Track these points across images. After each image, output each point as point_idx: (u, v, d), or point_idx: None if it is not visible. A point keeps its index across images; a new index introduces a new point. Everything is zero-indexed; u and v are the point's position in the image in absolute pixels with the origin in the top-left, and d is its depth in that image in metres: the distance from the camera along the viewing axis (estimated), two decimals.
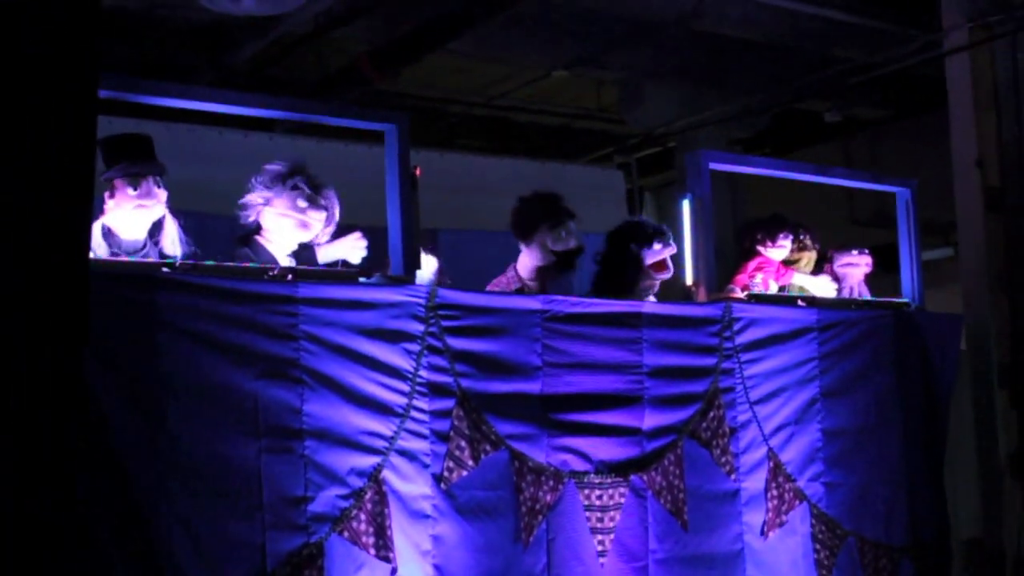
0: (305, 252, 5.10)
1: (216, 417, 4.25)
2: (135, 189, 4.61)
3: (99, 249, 4.53)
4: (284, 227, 4.98)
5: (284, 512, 4.32)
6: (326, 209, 5.02)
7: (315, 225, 5.01)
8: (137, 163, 4.64)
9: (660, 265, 5.72)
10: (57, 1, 3.05)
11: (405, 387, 4.62)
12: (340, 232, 5.18)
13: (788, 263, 6.50)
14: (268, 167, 5.01)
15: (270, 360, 4.37)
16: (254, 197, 5.00)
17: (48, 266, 3.05)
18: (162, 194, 4.72)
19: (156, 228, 4.77)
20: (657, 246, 5.69)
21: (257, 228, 5.03)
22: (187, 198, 5.44)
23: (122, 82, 4.50)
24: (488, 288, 5.71)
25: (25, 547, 3.01)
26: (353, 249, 5.15)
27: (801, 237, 6.57)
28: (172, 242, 4.76)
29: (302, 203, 4.95)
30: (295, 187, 4.95)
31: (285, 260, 4.97)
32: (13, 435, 3.04)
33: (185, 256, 4.66)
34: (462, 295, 4.86)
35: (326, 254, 5.14)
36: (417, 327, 4.68)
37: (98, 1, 3.19)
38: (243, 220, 5.04)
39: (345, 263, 5.10)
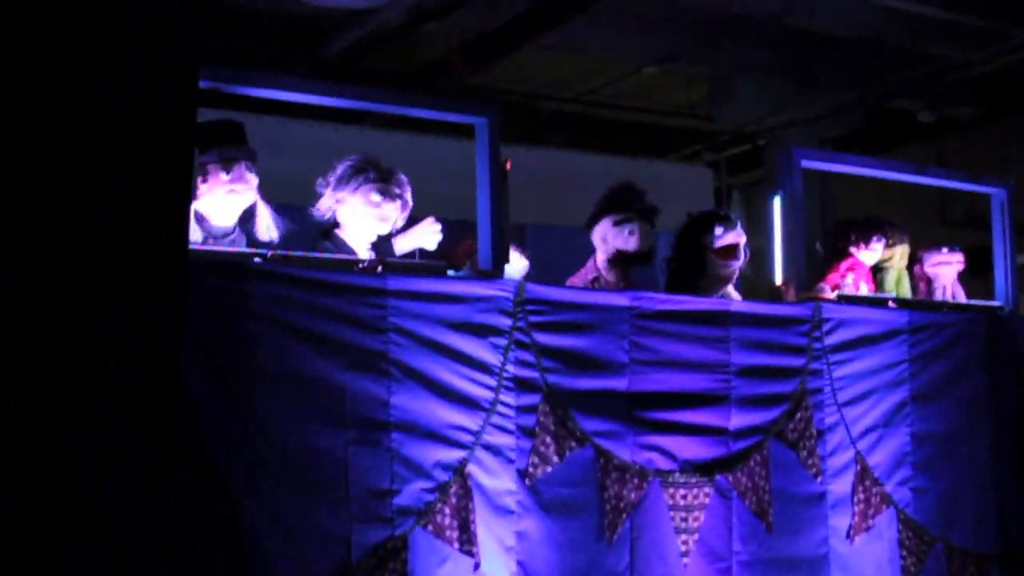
0: (384, 246, 5.11)
1: (305, 408, 4.26)
2: (228, 173, 4.66)
3: (192, 234, 4.56)
4: (362, 222, 5.00)
5: (370, 504, 4.31)
6: (400, 198, 5.03)
7: (392, 216, 5.03)
8: (230, 148, 4.67)
9: (727, 251, 5.62)
10: None
11: (492, 381, 4.60)
12: (413, 221, 5.19)
13: (882, 262, 6.42)
14: (337, 167, 5.02)
15: (359, 352, 4.37)
16: (326, 199, 5.02)
17: (148, 253, 3.09)
18: (254, 179, 4.75)
19: (247, 214, 4.80)
20: (719, 230, 5.61)
21: (335, 223, 5.05)
22: (277, 190, 5.48)
23: (217, 73, 4.52)
24: (568, 282, 5.69)
25: (122, 532, 3.05)
26: (428, 235, 5.16)
27: (889, 234, 6.48)
28: (267, 228, 4.81)
29: (376, 197, 4.97)
30: (366, 183, 4.96)
31: (365, 252, 4.98)
32: (110, 416, 3.08)
33: (279, 242, 4.69)
34: (550, 290, 4.84)
35: (402, 244, 5.16)
36: (505, 322, 4.66)
37: None
38: (319, 218, 5.06)
39: (422, 251, 5.10)
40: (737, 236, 5.65)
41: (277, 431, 4.18)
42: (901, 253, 6.57)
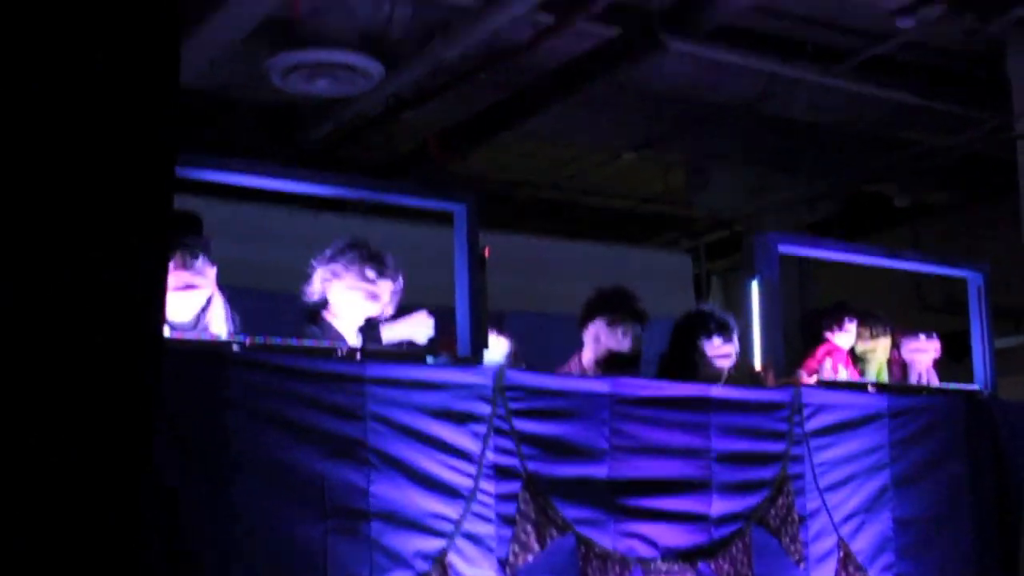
0: (372, 332, 5.11)
1: (283, 497, 4.24)
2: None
3: None
4: (352, 300, 5.00)
5: None
6: (392, 277, 5.04)
7: (384, 295, 5.03)
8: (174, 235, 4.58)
9: (721, 357, 5.71)
10: (137, 81, 3.11)
11: (472, 469, 4.59)
12: (403, 311, 5.19)
13: (865, 352, 6.46)
14: (329, 247, 5.03)
15: (338, 440, 4.36)
16: (321, 273, 5.03)
17: (122, 341, 3.07)
18: (208, 271, 4.69)
19: (204, 307, 4.76)
20: (717, 341, 5.69)
21: (323, 304, 5.05)
22: (257, 277, 5.49)
23: (196, 160, 4.55)
24: None
25: None
26: (420, 328, 5.15)
27: (875, 325, 6.52)
28: (219, 322, 4.76)
29: (370, 273, 4.98)
30: (360, 259, 4.97)
31: (353, 336, 4.98)
32: (81, 511, 3.05)
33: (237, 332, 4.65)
34: (529, 376, 4.84)
35: (392, 333, 5.15)
36: (484, 408, 4.66)
37: (177, 80, 3.24)
38: (308, 298, 5.06)
39: (411, 343, 5.10)
40: (733, 347, 5.72)
41: (254, 520, 4.16)
42: (884, 345, 6.61)
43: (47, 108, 2.96)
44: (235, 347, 4.35)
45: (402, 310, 5.18)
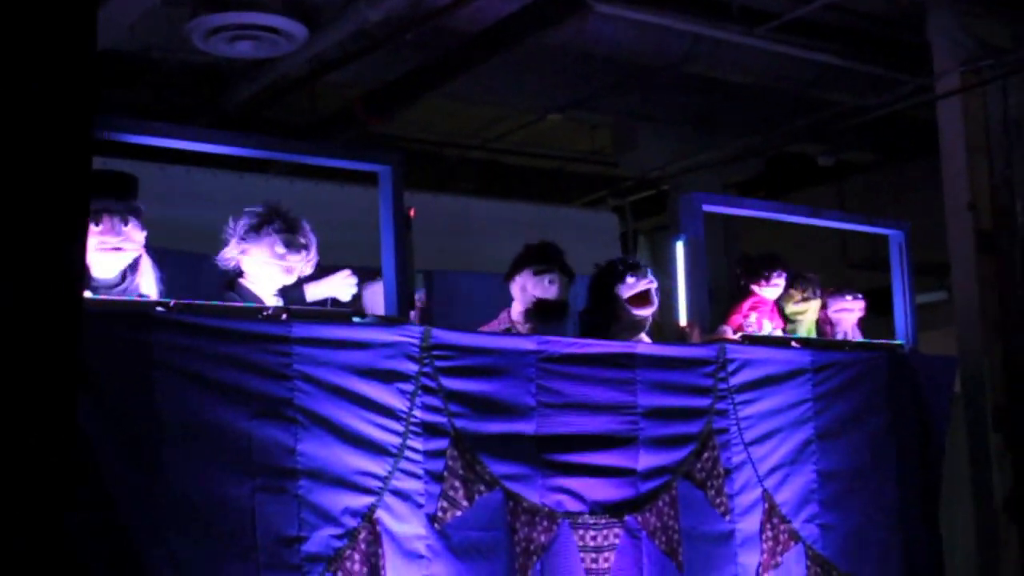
0: (295, 291, 5.10)
1: (210, 457, 4.24)
2: (97, 225, 4.51)
3: None
4: (266, 272, 4.98)
5: (278, 552, 4.30)
6: (305, 248, 5.01)
7: (297, 267, 5.01)
8: (103, 200, 4.54)
9: (639, 299, 5.73)
10: (53, 42, 3.08)
11: (399, 427, 4.62)
12: (327, 271, 5.19)
13: (795, 314, 6.54)
14: (243, 216, 4.99)
15: (264, 399, 4.36)
16: (231, 249, 4.99)
17: (41, 302, 3.05)
18: (135, 234, 4.63)
19: (134, 266, 4.73)
20: (631, 279, 5.71)
21: (239, 271, 5.03)
22: (182, 238, 5.46)
23: (118, 124, 4.51)
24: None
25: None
26: (343, 286, 5.16)
27: (806, 288, 6.59)
28: (148, 284, 4.73)
29: (280, 249, 4.93)
30: (271, 233, 4.94)
31: (271, 300, 4.97)
32: (6, 470, 3.03)
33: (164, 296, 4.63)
34: (456, 335, 4.87)
35: (315, 291, 5.15)
36: (411, 367, 4.68)
37: (94, 42, 3.21)
38: (224, 265, 5.03)
39: (335, 300, 5.11)
40: (648, 283, 5.74)
41: (181, 480, 4.16)
42: (814, 308, 6.68)
43: None
44: (159, 309, 4.33)
45: (325, 269, 5.17)
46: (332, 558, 4.40)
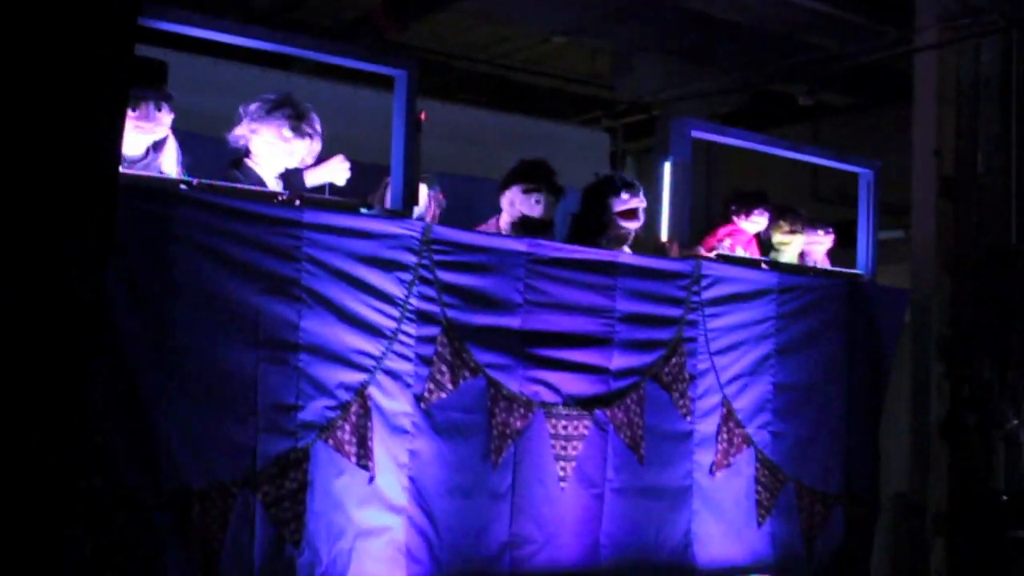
0: (295, 176, 5.07)
1: (219, 327, 4.25)
2: (134, 110, 4.52)
3: None
4: (271, 153, 4.96)
5: (276, 418, 4.33)
6: (310, 136, 4.99)
7: (300, 152, 4.99)
8: (141, 88, 4.55)
9: (629, 214, 5.72)
10: None
11: (396, 312, 4.63)
12: (322, 159, 5.15)
13: (781, 244, 6.53)
14: (258, 99, 4.97)
15: (273, 278, 4.36)
16: (243, 127, 4.96)
17: (80, 172, 3.04)
18: (165, 118, 4.64)
19: (158, 145, 4.72)
20: (625, 195, 5.70)
21: (247, 152, 5.00)
22: (205, 125, 5.40)
23: (158, 11, 4.45)
24: None
25: (30, 443, 3.00)
26: (338, 171, 5.13)
27: (795, 222, 6.58)
28: (171, 163, 4.73)
29: (287, 132, 4.92)
30: (281, 118, 4.92)
31: (273, 182, 4.95)
32: (32, 326, 3.03)
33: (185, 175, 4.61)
34: (454, 232, 4.86)
35: (313, 177, 5.13)
36: (411, 258, 4.68)
37: None
38: (233, 144, 5.00)
39: (332, 185, 5.08)
40: (639, 202, 5.73)
41: (191, 347, 4.18)
42: (799, 241, 6.67)
43: None
44: (182, 187, 4.31)
45: (321, 158, 5.14)
46: (325, 427, 4.43)
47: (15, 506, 2.89)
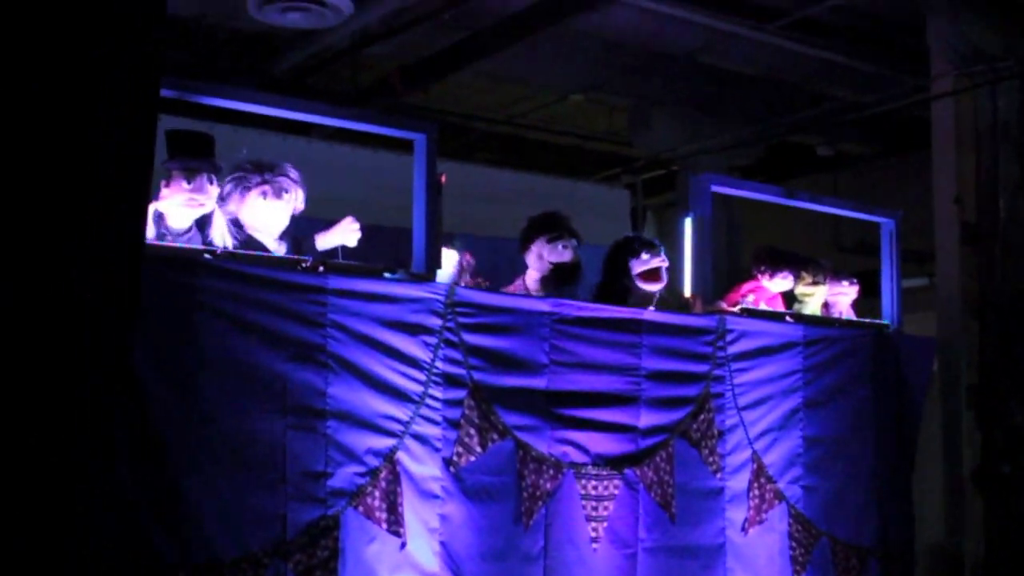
0: (305, 241, 5.07)
1: (247, 395, 4.26)
2: (189, 183, 4.57)
3: (150, 230, 4.50)
4: (263, 220, 4.85)
5: (305, 486, 4.32)
6: (287, 191, 4.84)
7: (287, 210, 4.87)
8: (195, 159, 4.62)
9: (650, 275, 5.67)
10: (125, 7, 3.07)
11: (422, 376, 4.63)
12: (332, 223, 5.11)
13: (804, 295, 6.46)
14: (227, 180, 4.85)
15: (299, 345, 4.37)
16: (229, 207, 4.84)
17: (106, 245, 3.06)
18: (214, 191, 4.68)
19: (205, 219, 4.74)
20: (645, 256, 5.68)
21: (240, 224, 4.91)
22: None
23: (179, 83, 4.50)
24: None
25: (64, 513, 2.99)
26: (348, 233, 5.07)
27: (817, 273, 6.52)
28: (221, 235, 4.71)
29: (269, 199, 4.83)
30: (254, 187, 4.82)
31: (274, 244, 4.89)
32: (62, 403, 3.03)
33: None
34: (478, 294, 4.88)
35: (324, 241, 5.08)
36: (435, 322, 4.68)
37: (163, 8, 3.21)
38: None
39: (344, 248, 5.06)
40: (661, 261, 5.71)
41: (219, 416, 4.18)
42: (822, 292, 6.62)
43: (36, 32, 2.92)
44: (207, 256, 4.33)
45: (330, 222, 5.10)
46: (354, 493, 4.42)
47: (15, 506, 2.87)
